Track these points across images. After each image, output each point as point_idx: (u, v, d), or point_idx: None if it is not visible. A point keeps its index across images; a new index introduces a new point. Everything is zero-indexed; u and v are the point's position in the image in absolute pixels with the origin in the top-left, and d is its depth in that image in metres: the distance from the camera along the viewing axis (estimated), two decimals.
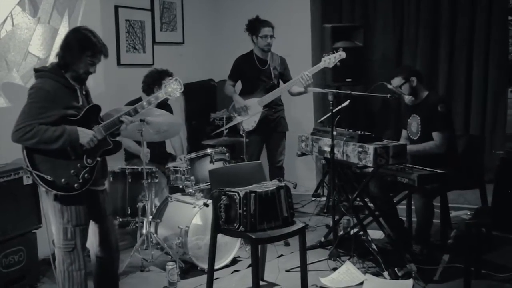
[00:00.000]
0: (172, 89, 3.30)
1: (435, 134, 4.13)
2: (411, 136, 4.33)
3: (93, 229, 3.12)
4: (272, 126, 5.07)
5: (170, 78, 3.35)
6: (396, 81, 4.28)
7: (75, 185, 2.91)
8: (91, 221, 3.08)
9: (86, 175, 2.94)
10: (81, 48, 2.91)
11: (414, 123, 4.28)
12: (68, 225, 2.94)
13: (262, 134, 5.00)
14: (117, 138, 3.19)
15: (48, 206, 2.98)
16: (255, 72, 5.02)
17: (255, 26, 4.99)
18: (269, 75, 5.03)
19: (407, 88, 4.25)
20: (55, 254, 3.02)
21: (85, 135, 2.91)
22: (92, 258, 3.21)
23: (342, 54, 4.70)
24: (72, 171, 2.90)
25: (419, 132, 4.23)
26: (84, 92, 3.08)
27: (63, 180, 2.87)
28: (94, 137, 2.95)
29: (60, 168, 2.88)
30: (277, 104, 5.09)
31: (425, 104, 4.24)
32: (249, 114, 4.84)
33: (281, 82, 5.11)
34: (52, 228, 3.01)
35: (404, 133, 4.48)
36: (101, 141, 3.00)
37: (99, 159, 3.02)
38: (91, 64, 2.96)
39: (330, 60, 4.67)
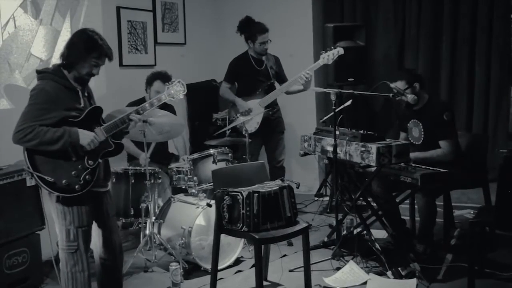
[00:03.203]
0: (175, 91, 3.31)
1: (443, 143, 4.08)
2: (412, 141, 4.26)
3: (96, 230, 3.12)
4: (272, 126, 5.07)
5: (173, 80, 3.34)
6: (399, 84, 4.20)
7: (76, 187, 2.90)
8: (94, 222, 3.08)
9: (87, 176, 2.94)
10: (87, 49, 2.92)
11: (416, 129, 4.23)
12: (71, 226, 2.94)
13: (262, 135, 4.99)
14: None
15: (51, 207, 2.98)
16: (252, 73, 5.01)
17: (251, 31, 4.95)
18: (267, 75, 5.02)
19: (410, 93, 4.16)
20: (59, 255, 3.03)
21: (86, 137, 2.91)
22: (96, 259, 3.21)
23: (340, 51, 4.68)
24: (73, 173, 2.90)
25: (422, 138, 4.19)
26: (86, 94, 3.08)
27: (64, 181, 2.87)
28: (95, 138, 2.95)
29: (61, 169, 2.87)
30: (275, 103, 5.09)
31: (429, 110, 4.17)
32: (251, 115, 4.84)
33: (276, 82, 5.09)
34: (55, 230, 3.01)
35: (403, 135, 4.43)
36: (102, 142, 3.00)
37: (100, 160, 3.02)
38: (95, 66, 2.97)
39: (328, 57, 4.66)
